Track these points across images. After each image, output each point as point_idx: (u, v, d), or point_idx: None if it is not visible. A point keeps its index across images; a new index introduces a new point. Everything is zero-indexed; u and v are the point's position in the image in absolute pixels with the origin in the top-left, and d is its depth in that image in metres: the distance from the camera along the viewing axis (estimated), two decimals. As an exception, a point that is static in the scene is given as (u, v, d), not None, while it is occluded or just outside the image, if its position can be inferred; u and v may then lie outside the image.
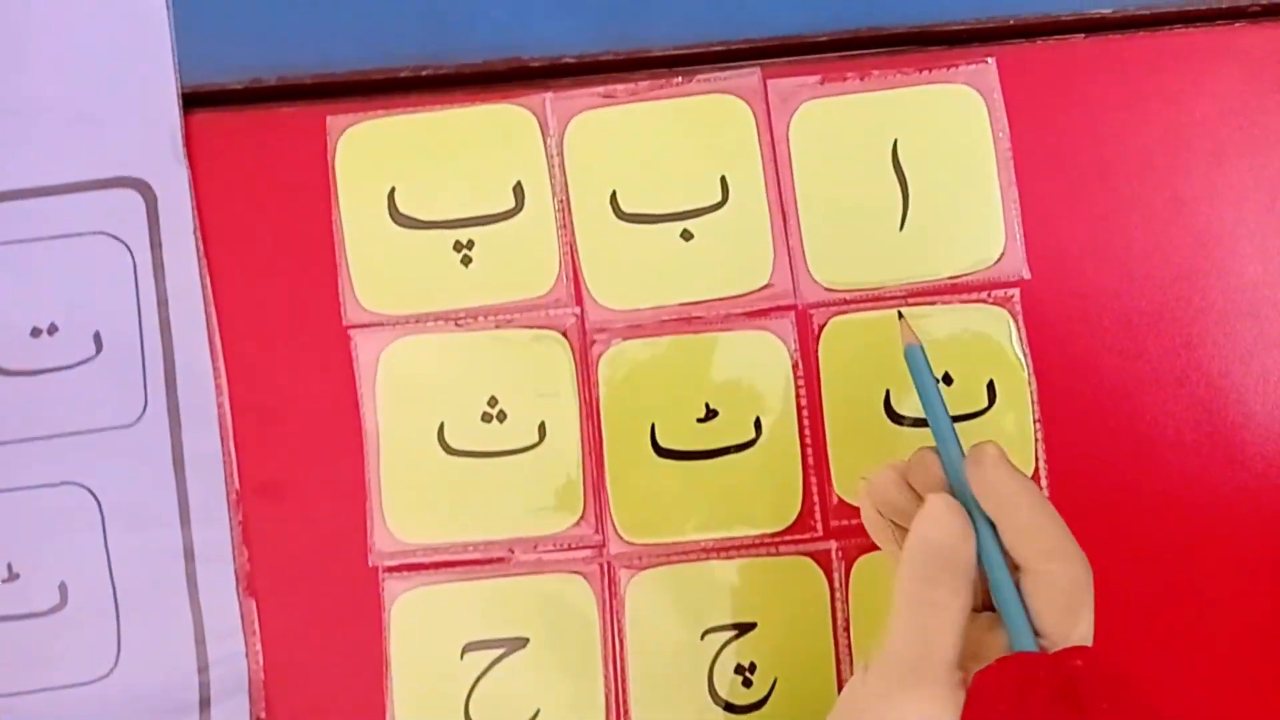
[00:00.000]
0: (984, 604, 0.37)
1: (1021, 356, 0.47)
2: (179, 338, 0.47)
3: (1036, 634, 0.34)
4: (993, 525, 0.35)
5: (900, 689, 0.34)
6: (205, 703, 0.46)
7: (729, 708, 0.46)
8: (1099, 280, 0.47)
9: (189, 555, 0.47)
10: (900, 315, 0.41)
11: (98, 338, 0.47)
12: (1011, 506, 0.35)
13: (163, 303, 0.47)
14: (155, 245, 0.48)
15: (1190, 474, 0.47)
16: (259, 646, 0.47)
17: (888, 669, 0.34)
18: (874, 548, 0.46)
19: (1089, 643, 0.34)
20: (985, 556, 0.35)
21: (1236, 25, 0.48)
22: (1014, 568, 0.35)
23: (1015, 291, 0.47)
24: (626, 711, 0.46)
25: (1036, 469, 0.46)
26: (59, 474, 0.47)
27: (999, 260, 0.47)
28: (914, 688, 0.33)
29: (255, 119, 0.48)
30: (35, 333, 0.47)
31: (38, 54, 0.48)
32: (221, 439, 0.47)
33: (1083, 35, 0.48)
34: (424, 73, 0.48)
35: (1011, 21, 0.48)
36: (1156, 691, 0.44)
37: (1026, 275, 0.47)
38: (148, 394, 0.47)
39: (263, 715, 0.47)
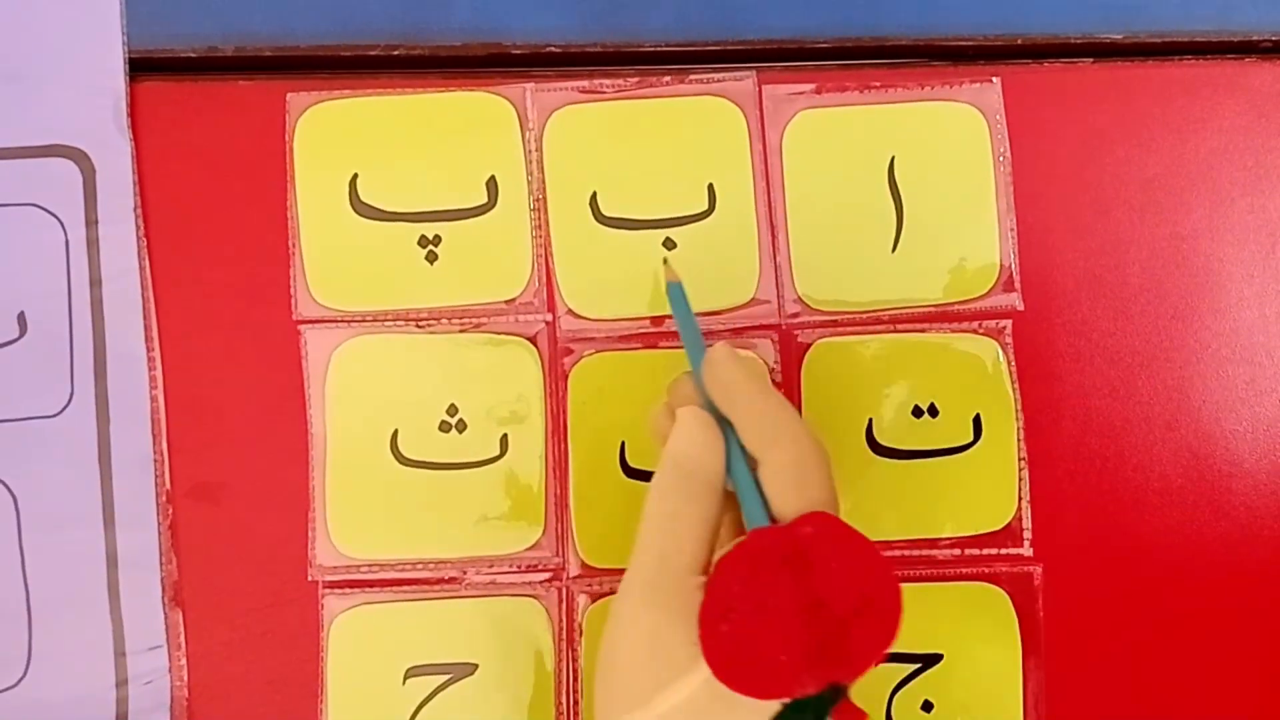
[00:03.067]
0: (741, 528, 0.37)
1: (1011, 391, 0.45)
2: (112, 323, 0.44)
3: (775, 520, 0.34)
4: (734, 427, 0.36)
5: (636, 600, 0.34)
6: (122, 720, 0.43)
7: (686, 745, 0.44)
8: (1092, 316, 0.45)
9: (112, 560, 0.43)
10: (665, 261, 0.43)
11: (22, 319, 0.43)
12: (739, 401, 0.36)
13: (96, 284, 0.44)
14: (91, 221, 0.44)
15: (1174, 521, 0.45)
16: (184, 662, 0.43)
17: (629, 583, 0.34)
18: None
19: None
20: (728, 455, 0.36)
21: (1246, 60, 0.46)
22: (755, 465, 0.35)
23: (1008, 323, 0.45)
24: (578, 746, 0.44)
25: (1019, 510, 0.44)
26: (-29, 466, 0.43)
27: (992, 289, 0.45)
28: (649, 597, 0.34)
29: (208, 91, 0.44)
30: (-49, 310, 0.43)
31: (-31, 4, 0.44)
32: (153, 436, 0.44)
33: (1091, 60, 0.46)
34: (396, 52, 0.45)
35: (1019, 41, 0.46)
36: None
37: (1020, 307, 0.45)
38: (74, 383, 0.43)
39: (184, 737, 0.43)
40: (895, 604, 0.32)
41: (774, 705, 0.32)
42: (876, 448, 0.45)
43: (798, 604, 0.32)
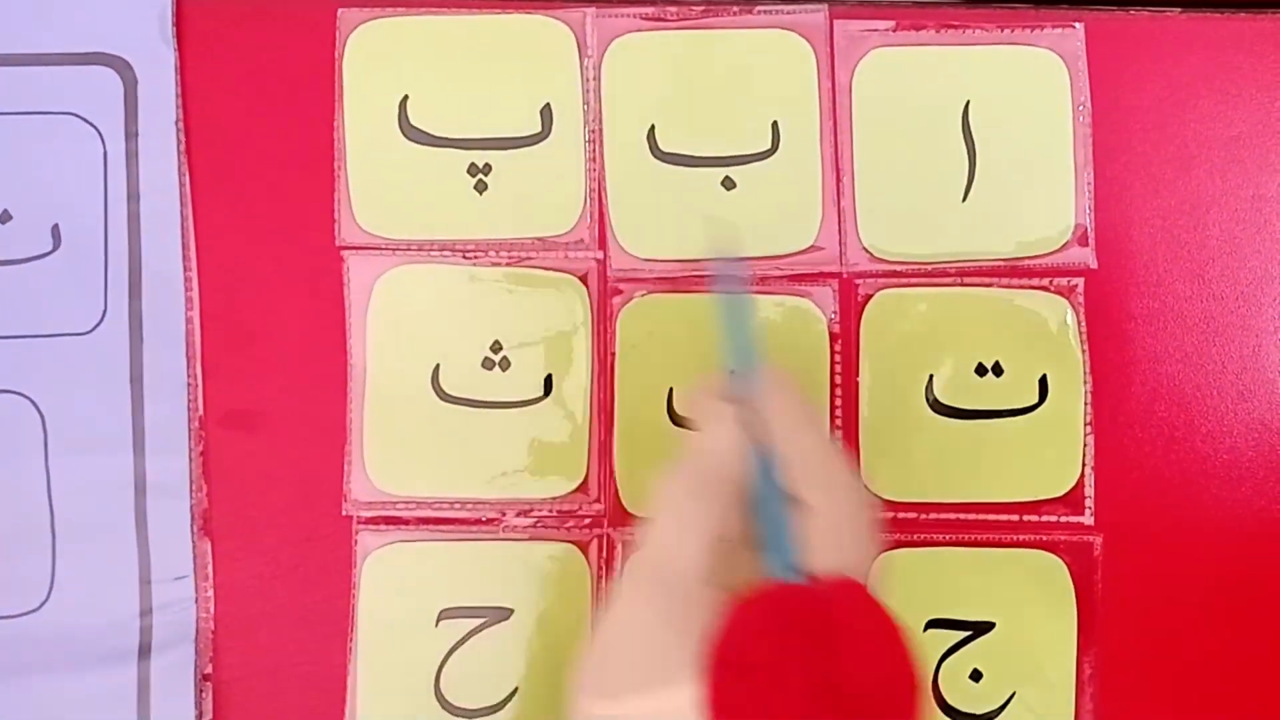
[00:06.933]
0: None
1: (1079, 352, 0.43)
2: (149, 240, 0.42)
3: (806, 570, 0.32)
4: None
5: (636, 588, 0.33)
6: (145, 650, 0.42)
7: (724, 704, 0.42)
8: (1168, 278, 0.43)
9: (140, 486, 0.42)
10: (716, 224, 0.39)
11: (56, 231, 0.42)
12: (799, 434, 0.34)
13: (133, 198, 0.42)
14: (131, 134, 0.42)
15: (1243, 495, 0.43)
16: (210, 594, 0.42)
17: (633, 568, 0.33)
18: (898, 544, 0.43)
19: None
20: (761, 486, 0.33)
21: (1344, 15, 0.44)
22: (795, 504, 0.33)
23: (1080, 281, 0.43)
24: (612, 699, 0.42)
25: (1082, 476, 0.43)
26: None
27: (1065, 245, 0.43)
28: (649, 590, 0.32)
29: (257, 4, 0.43)
30: (-15, 218, 0.42)
31: (12, -100, 0.42)
32: (188, 358, 0.42)
33: (1179, 10, 0.44)
34: (453, -30, 0.43)
35: (1106, -15, 0.43)
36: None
37: (1093, 265, 0.43)
38: (108, 300, 0.42)
39: (209, 671, 0.42)
40: (913, 703, 0.31)
41: None
42: (936, 405, 0.43)
43: (812, 674, 0.30)
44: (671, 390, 0.43)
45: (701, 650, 0.30)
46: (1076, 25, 0.43)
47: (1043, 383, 0.43)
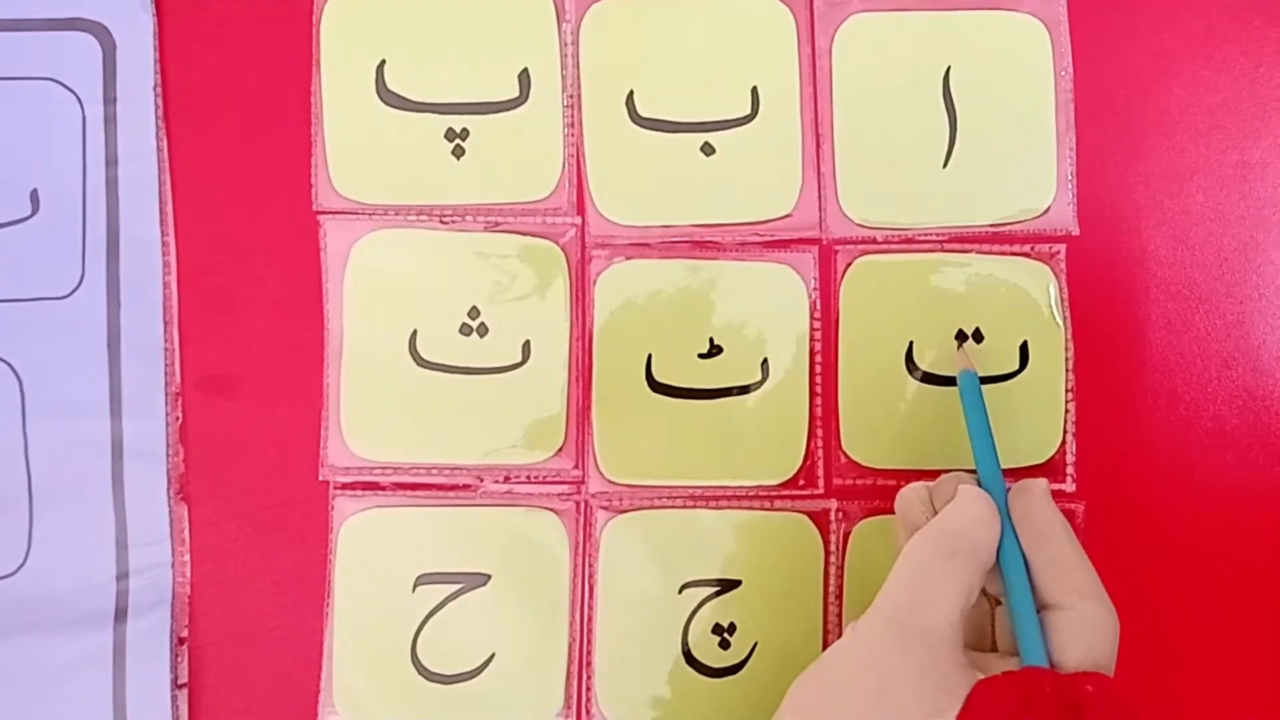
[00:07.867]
0: (993, 645, 0.36)
1: (1060, 319, 0.43)
2: (127, 205, 0.42)
3: (1053, 662, 0.33)
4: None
5: (880, 633, 0.32)
6: (121, 613, 0.42)
7: (702, 669, 0.42)
8: (1151, 245, 0.43)
9: (117, 450, 0.42)
10: (959, 345, 0.41)
11: (34, 196, 0.42)
12: (1052, 540, 0.34)
13: (111, 163, 0.42)
14: (109, 99, 0.42)
15: (1226, 464, 0.43)
16: (187, 558, 0.42)
17: (876, 613, 0.33)
18: (877, 512, 0.43)
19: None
20: (1011, 580, 0.34)
21: (1330, -19, 0.43)
22: (1040, 607, 0.34)
23: (1061, 248, 0.43)
24: (590, 664, 0.42)
25: (1064, 444, 0.42)
26: (-24, 344, 0.42)
27: (1047, 212, 0.43)
28: (894, 635, 0.32)
29: (235, -32, 0.43)
30: (-38, 183, 0.42)
31: None
32: (165, 323, 0.42)
33: (1164, -27, 0.43)
34: (431, -66, 0.43)
35: (1089, -52, 0.43)
36: (1177, 691, 0.42)
37: (1075, 231, 0.43)
38: (85, 264, 0.42)
39: (185, 635, 0.42)
40: None
41: None
42: (916, 372, 0.42)
43: None
44: (651, 357, 0.43)
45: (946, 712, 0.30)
46: (1059, -11, 0.43)
47: (1023, 349, 0.42)
